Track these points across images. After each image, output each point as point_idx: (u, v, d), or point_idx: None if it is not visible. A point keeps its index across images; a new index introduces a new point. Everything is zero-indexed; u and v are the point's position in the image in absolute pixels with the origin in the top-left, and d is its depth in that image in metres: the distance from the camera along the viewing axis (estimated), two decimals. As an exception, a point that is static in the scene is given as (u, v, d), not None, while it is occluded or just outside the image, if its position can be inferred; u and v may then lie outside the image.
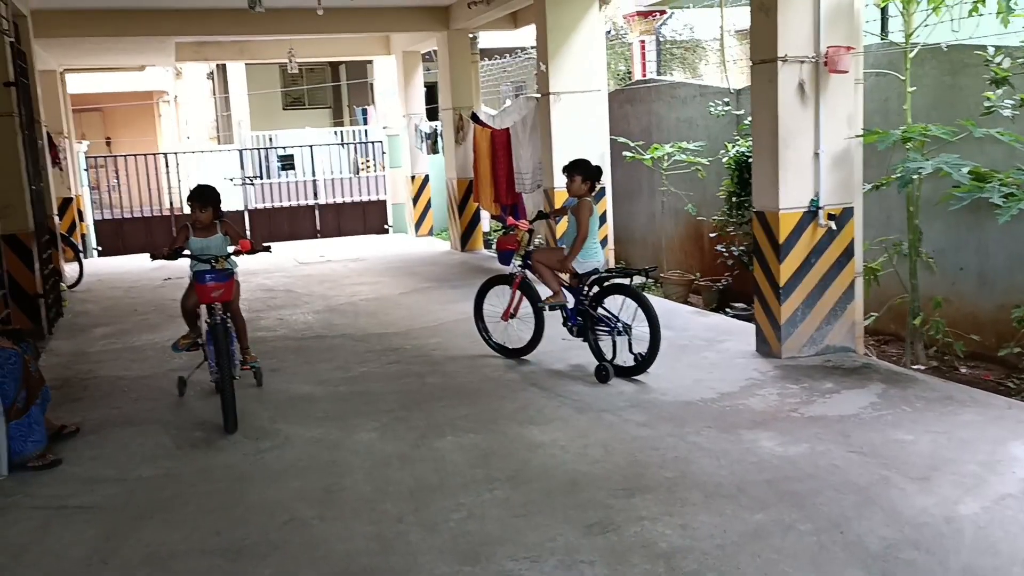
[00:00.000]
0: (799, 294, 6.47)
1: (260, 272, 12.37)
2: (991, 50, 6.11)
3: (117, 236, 15.57)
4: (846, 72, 6.24)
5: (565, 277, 6.57)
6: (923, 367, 6.60)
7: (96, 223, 15.65)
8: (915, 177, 6.09)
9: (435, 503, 4.33)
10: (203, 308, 6.00)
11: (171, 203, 15.82)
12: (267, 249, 6.03)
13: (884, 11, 7.98)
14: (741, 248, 8.99)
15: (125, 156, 15.88)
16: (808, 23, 6.23)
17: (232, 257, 6.00)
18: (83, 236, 14.89)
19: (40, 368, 5.45)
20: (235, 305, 6.27)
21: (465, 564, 3.69)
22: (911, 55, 6.50)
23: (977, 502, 4.05)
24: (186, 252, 5.98)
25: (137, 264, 13.98)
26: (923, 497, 4.12)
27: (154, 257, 5.99)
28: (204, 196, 6.13)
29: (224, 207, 6.42)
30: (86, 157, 15.89)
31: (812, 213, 6.40)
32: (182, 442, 5.41)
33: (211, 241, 6.12)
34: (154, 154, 16.57)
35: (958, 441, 4.80)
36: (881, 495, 4.16)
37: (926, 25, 6.43)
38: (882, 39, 7.89)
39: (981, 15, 6.18)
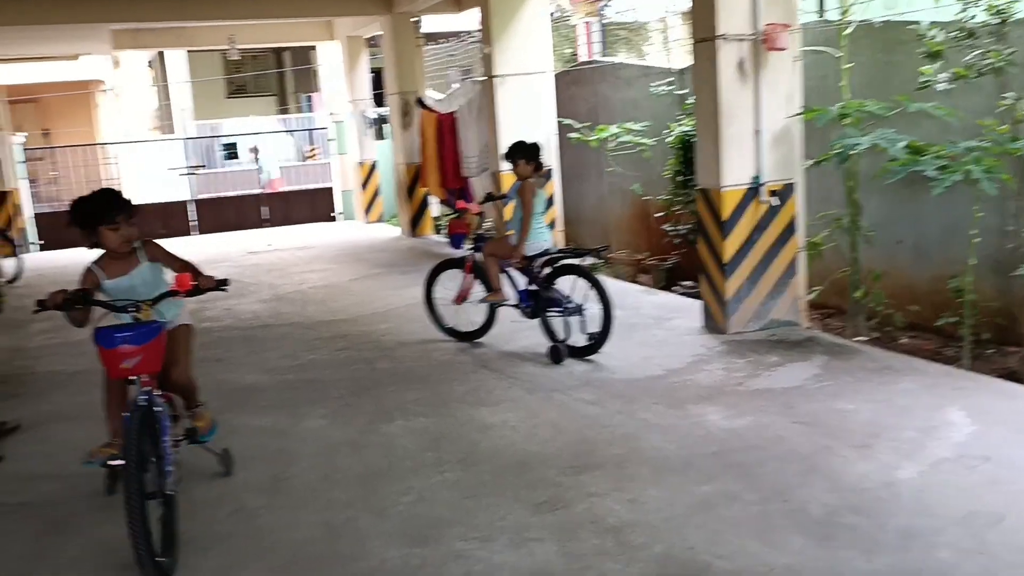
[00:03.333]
0: (743, 270, 6.55)
1: (206, 263, 12.12)
2: (925, 24, 6.22)
3: (58, 229, 15.15)
4: (784, 50, 6.31)
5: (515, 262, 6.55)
6: (865, 339, 6.74)
7: (36, 216, 15.24)
8: (853, 152, 6.19)
9: (384, 488, 4.31)
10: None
11: (112, 195, 15.47)
12: (223, 286, 3.93)
13: (821, -11, 8.09)
14: (688, 227, 9.07)
15: (64, 147, 15.47)
16: (746, 1, 6.28)
17: (169, 299, 3.96)
18: (22, 230, 14.49)
19: (-25, 365, 5.31)
20: (180, 369, 4.17)
21: (415, 547, 3.68)
22: (847, 32, 6.59)
23: (915, 466, 4.16)
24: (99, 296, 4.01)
25: (78, 257, 13.65)
26: (863, 464, 4.22)
27: (43, 306, 3.83)
28: (115, 203, 3.95)
29: (167, 198, 4.43)
30: (23, 149, 15.45)
31: (754, 190, 6.48)
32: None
33: (136, 277, 4.03)
34: (94, 145, 16.20)
35: (897, 409, 4.92)
36: (823, 463, 4.25)
37: (861, 2, 6.52)
38: (819, 17, 8.00)
39: (914, -9, 6.29)
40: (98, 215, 3.93)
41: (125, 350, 3.65)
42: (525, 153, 6.39)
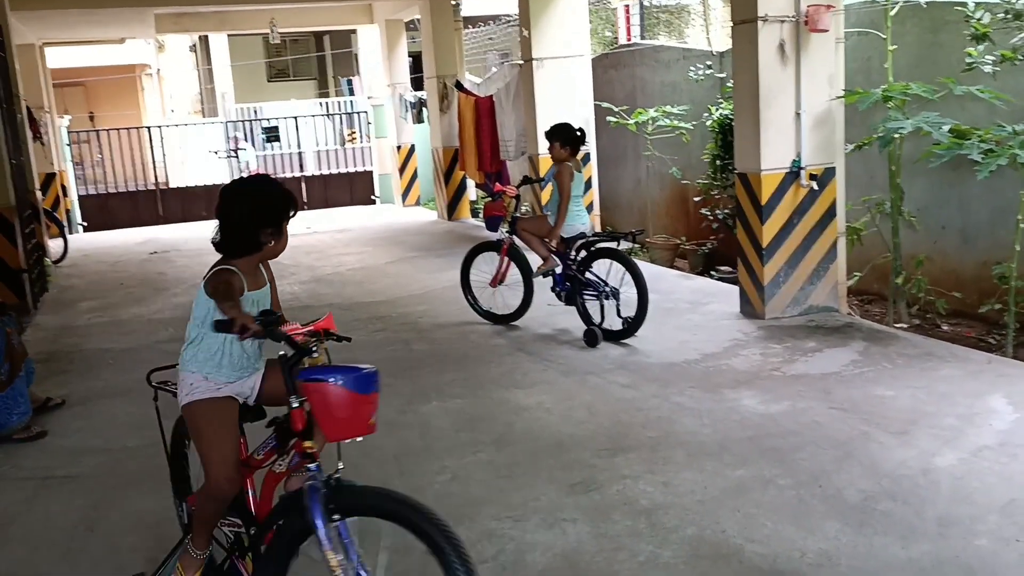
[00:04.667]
0: (782, 255, 6.49)
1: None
2: (971, 5, 6.09)
3: (103, 211, 15.48)
4: (827, 31, 6.22)
5: (552, 244, 6.56)
6: (905, 325, 6.65)
7: (81, 198, 15.56)
8: (896, 136, 6.10)
9: (420, 467, 4.36)
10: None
11: (156, 177, 15.73)
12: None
13: (866, -31, 7.93)
14: (726, 211, 9.00)
15: (108, 130, 15.75)
16: (789, -18, 6.20)
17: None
18: (67, 211, 14.80)
19: (24, 342, 5.45)
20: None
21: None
22: (892, 13, 6.47)
23: (954, 454, 4.11)
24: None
25: (123, 239, 13.94)
26: (902, 450, 4.18)
27: (241, 331, 2.63)
28: (288, 200, 2.94)
29: (208, 181, 3.19)
30: (68, 132, 15.75)
31: (794, 174, 6.41)
32: (169, 412, 5.41)
33: (263, 297, 3.00)
34: (138, 128, 16.45)
35: (937, 396, 4.85)
36: (860, 449, 4.22)
37: (907, -18, 6.40)
38: (864, -3, 7.84)
39: (962, -30, 6.15)
40: (288, 210, 2.94)
41: (375, 398, 2.75)
42: (562, 136, 6.38)
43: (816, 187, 6.45)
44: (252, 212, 2.89)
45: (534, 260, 6.70)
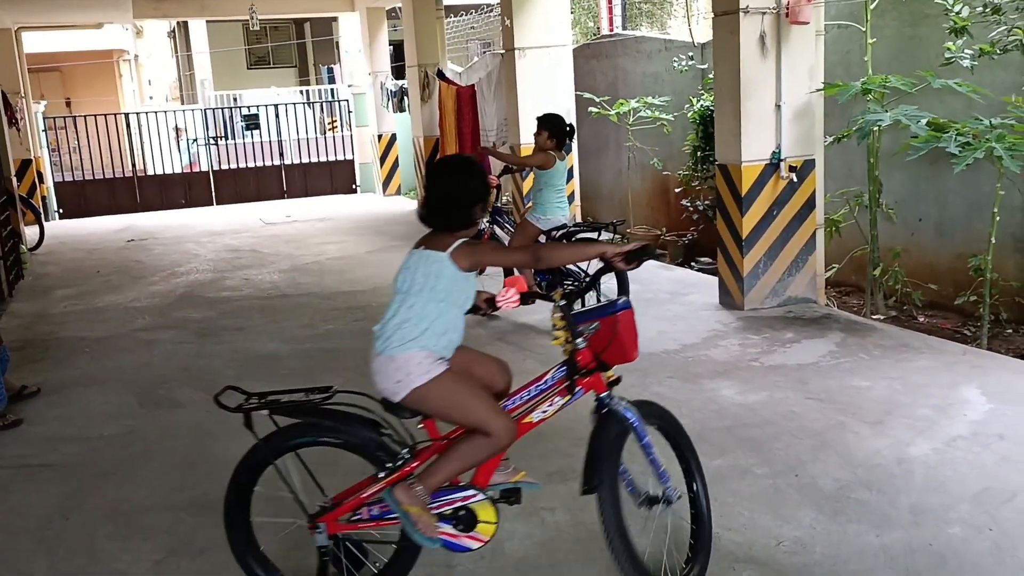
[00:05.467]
0: (761, 246, 6.53)
1: (227, 232, 12.29)
2: None
3: (79, 198, 15.31)
4: (807, 23, 6.25)
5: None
6: (882, 317, 6.71)
7: (57, 185, 15.37)
8: (875, 129, 6.14)
9: (399, 455, 4.35)
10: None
11: (134, 164, 15.58)
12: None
13: (847, -38, 7.96)
14: (706, 202, 9.04)
15: (85, 116, 15.56)
16: (770, -26, 6.22)
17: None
18: (43, 198, 14.62)
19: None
20: None
21: (428, 513, 3.72)
22: (872, 6, 6.50)
23: (928, 444, 4.16)
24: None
25: (100, 226, 13.81)
26: (876, 440, 4.22)
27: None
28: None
29: (186, 168, 3.54)
30: (44, 118, 15.55)
31: (774, 165, 6.44)
32: (145, 401, 5.39)
33: None
34: (115, 114, 16.27)
35: (912, 386, 4.91)
36: (836, 439, 4.26)
37: (887, -25, 6.43)
38: (844, -10, 7.87)
39: (941, -36, 6.17)
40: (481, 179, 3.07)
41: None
42: (550, 126, 6.38)
43: (795, 179, 6.49)
44: (474, 189, 3.01)
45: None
